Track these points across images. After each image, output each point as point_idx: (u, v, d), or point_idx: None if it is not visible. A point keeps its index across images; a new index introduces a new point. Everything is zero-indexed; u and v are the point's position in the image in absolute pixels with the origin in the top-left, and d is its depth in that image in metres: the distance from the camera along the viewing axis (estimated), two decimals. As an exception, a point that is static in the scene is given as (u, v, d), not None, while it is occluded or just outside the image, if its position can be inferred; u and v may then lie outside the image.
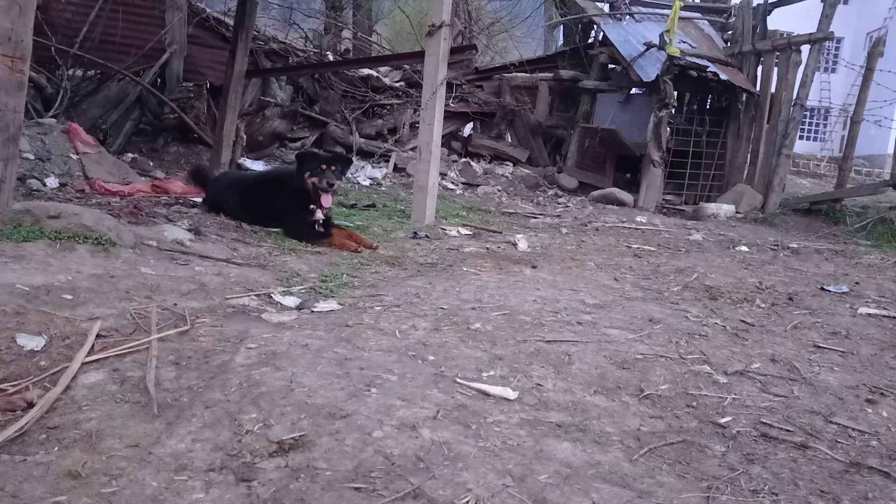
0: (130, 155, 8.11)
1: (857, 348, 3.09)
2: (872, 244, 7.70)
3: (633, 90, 11.08)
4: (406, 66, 11.77)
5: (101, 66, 8.46)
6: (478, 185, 10.05)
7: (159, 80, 9.20)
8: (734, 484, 1.77)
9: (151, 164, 7.91)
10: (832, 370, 2.76)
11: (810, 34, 9.72)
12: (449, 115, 9.98)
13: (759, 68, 10.67)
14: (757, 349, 2.96)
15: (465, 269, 4.32)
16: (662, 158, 9.73)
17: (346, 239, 4.76)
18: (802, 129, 23.70)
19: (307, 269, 3.90)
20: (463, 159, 11.03)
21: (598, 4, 12.74)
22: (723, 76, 9.81)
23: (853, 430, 2.18)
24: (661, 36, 9.74)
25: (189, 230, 4.31)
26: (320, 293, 3.41)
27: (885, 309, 3.90)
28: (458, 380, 2.29)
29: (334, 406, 1.98)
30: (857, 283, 4.66)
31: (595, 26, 12.09)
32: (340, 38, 15.13)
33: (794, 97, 9.86)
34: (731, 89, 10.38)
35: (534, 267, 4.55)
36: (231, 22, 8.66)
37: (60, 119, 7.16)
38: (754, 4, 10.82)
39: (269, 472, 1.65)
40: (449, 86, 9.21)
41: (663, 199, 10.24)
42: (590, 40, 12.26)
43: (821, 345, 3.10)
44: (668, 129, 9.92)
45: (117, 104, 8.71)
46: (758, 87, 10.48)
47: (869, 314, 3.75)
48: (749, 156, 10.68)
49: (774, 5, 10.76)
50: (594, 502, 1.63)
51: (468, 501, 1.57)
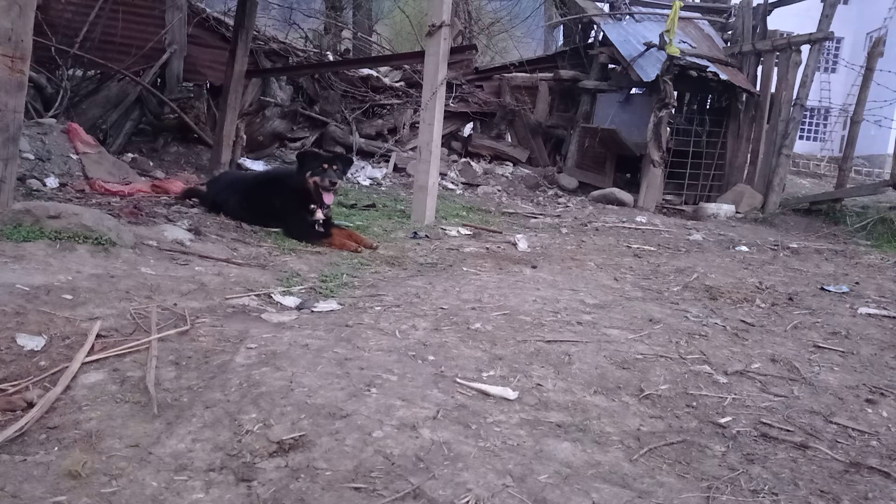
0: (130, 155, 8.10)
1: (857, 348, 3.09)
2: (872, 244, 7.70)
3: (633, 90, 11.08)
4: (406, 66, 11.77)
5: (101, 66, 8.46)
6: (478, 185, 10.05)
7: (159, 80, 9.20)
8: (734, 484, 1.77)
9: (151, 164, 7.91)
10: (832, 370, 2.76)
11: (810, 34, 9.72)
12: (449, 115, 9.98)
13: (759, 68, 10.67)
14: (757, 349, 2.96)
15: (465, 269, 4.32)
16: (662, 158, 9.73)
17: (346, 239, 4.77)
18: (802, 129, 23.70)
19: (307, 269, 3.90)
20: (463, 159, 11.03)
21: (598, 4, 12.74)
22: (723, 76, 9.81)
23: (853, 430, 2.18)
24: (661, 36, 9.74)
25: (189, 230, 4.31)
26: (320, 293, 3.41)
27: (885, 309, 3.90)
28: (458, 380, 2.29)
29: (334, 406, 1.98)
30: (857, 283, 4.66)
31: (595, 26, 12.09)
32: (340, 38, 15.13)
33: (794, 97, 9.86)
34: (731, 89, 10.38)
35: (534, 267, 4.55)
36: (231, 22, 8.66)
37: (60, 119, 7.16)
38: (754, 4, 10.82)
39: (269, 472, 1.65)
40: (449, 86, 9.21)
41: (663, 199, 10.24)
42: (590, 40, 12.25)
43: (821, 345, 3.10)
44: (668, 129, 9.92)
45: (117, 104, 8.71)
46: (758, 87, 10.47)
47: (869, 314, 3.75)
48: (749, 156, 10.68)
49: (774, 5, 10.76)
50: (594, 502, 1.63)
51: (468, 501, 1.57)
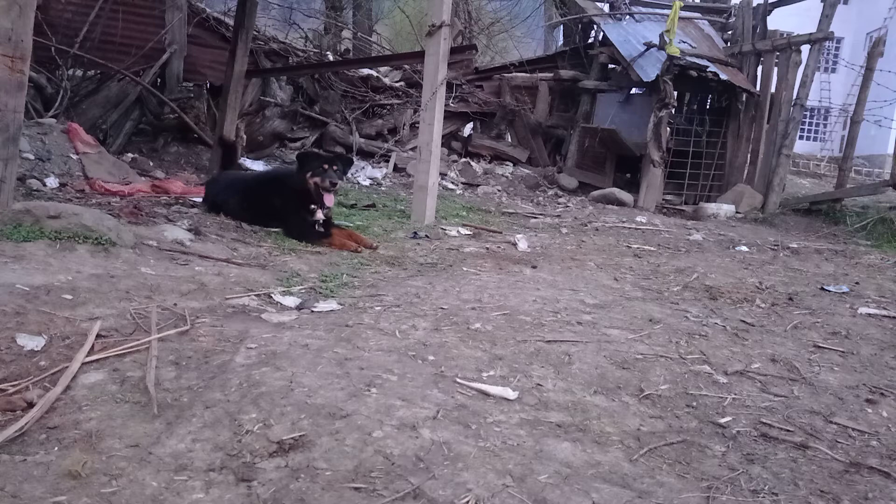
0: (130, 155, 8.10)
1: (857, 348, 3.09)
2: (872, 244, 7.70)
3: (633, 90, 11.08)
4: (406, 66, 11.77)
5: (101, 66, 8.46)
6: (478, 185, 10.05)
7: (159, 80, 9.20)
8: (734, 484, 1.77)
9: (151, 164, 7.91)
10: (832, 370, 2.76)
11: (810, 34, 9.72)
12: (449, 115, 9.98)
13: (759, 68, 10.66)
14: (757, 349, 2.96)
15: (465, 269, 4.32)
16: (662, 158, 9.73)
17: (346, 239, 4.77)
18: (802, 129, 23.70)
19: (307, 269, 3.90)
20: (463, 159, 11.03)
21: (598, 4, 12.74)
22: (723, 76, 9.81)
23: (853, 430, 2.18)
24: (661, 36, 9.74)
25: (189, 230, 4.31)
26: (320, 293, 3.41)
27: (885, 309, 3.90)
28: (458, 380, 2.29)
29: (334, 406, 1.98)
30: (857, 283, 4.66)
31: (595, 26, 12.09)
32: (340, 38, 15.12)
33: (794, 97, 9.86)
34: (731, 89, 10.38)
35: (534, 267, 4.55)
36: (231, 22, 8.66)
37: (60, 119, 7.16)
38: (754, 4, 10.82)
39: (269, 472, 1.65)
40: (449, 86, 9.21)
41: (663, 199, 10.24)
42: (590, 40, 12.25)
43: (821, 345, 3.10)
44: (668, 129, 9.92)
45: (117, 104, 8.71)
46: (758, 87, 10.47)
47: (869, 314, 3.75)
48: (749, 156, 10.67)
49: (774, 5, 10.76)
50: (594, 502, 1.63)
51: (468, 501, 1.57)
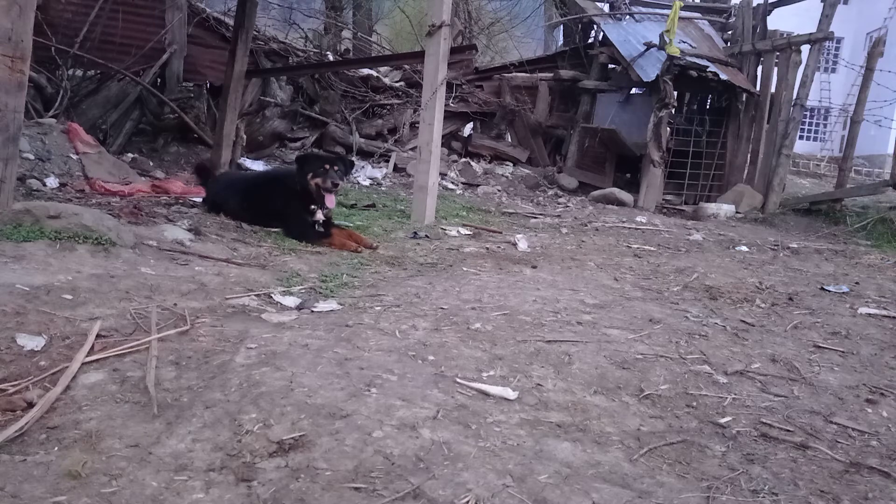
0: (130, 155, 8.11)
1: (857, 348, 3.10)
2: (872, 244, 7.70)
3: (633, 90, 11.08)
4: (406, 66, 11.77)
5: (101, 66, 8.47)
6: (478, 185, 10.05)
7: (159, 80, 9.20)
8: (734, 484, 1.77)
9: (151, 164, 7.91)
10: (832, 370, 2.76)
11: (810, 34, 9.72)
12: (449, 115, 9.98)
13: (759, 68, 10.67)
14: (757, 349, 2.96)
15: (465, 269, 4.32)
16: (662, 158, 9.73)
17: (346, 239, 4.77)
18: (802, 129, 23.69)
19: (307, 269, 3.90)
20: (463, 159, 11.03)
21: (598, 4, 12.74)
22: (723, 76, 9.81)
23: (853, 430, 2.18)
24: (661, 36, 9.74)
25: (189, 230, 4.31)
26: (320, 293, 3.41)
27: (885, 309, 3.90)
28: (458, 380, 2.29)
29: (334, 406, 1.98)
30: (857, 283, 4.66)
31: (595, 26, 12.09)
32: (340, 38, 15.13)
33: (794, 97, 9.86)
34: (731, 89, 10.38)
35: (534, 267, 4.55)
36: (231, 22, 8.66)
37: (60, 119, 7.16)
38: (754, 4, 10.82)
39: (269, 472, 1.65)
40: (449, 86, 9.21)
41: (663, 199, 10.24)
42: (590, 40, 12.25)
43: (821, 345, 3.10)
44: (668, 129, 9.92)
45: (117, 104, 8.71)
46: (758, 87, 10.48)
47: (869, 314, 3.75)
48: (749, 156, 10.68)
49: (774, 5, 10.76)
50: (594, 502, 1.63)
51: (468, 501, 1.57)
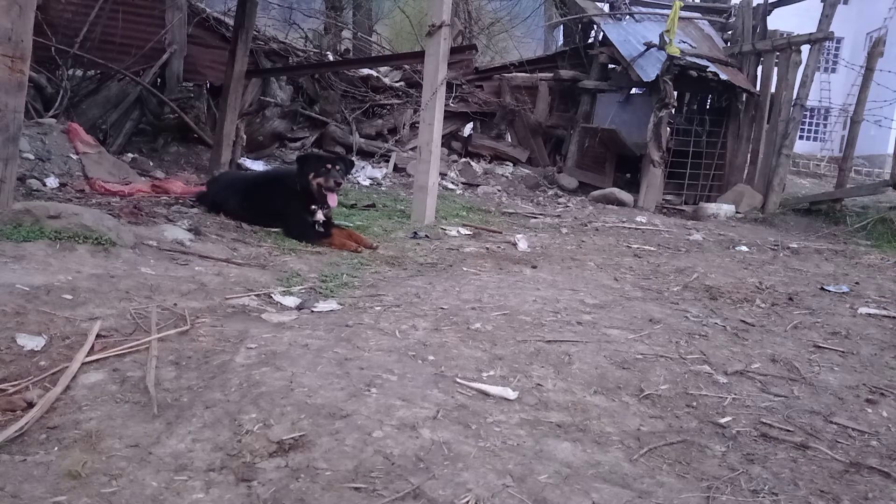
0: (130, 155, 8.10)
1: (857, 348, 3.10)
2: (872, 244, 7.70)
3: (633, 90, 11.08)
4: (406, 66, 11.77)
5: (101, 66, 8.46)
6: (478, 185, 10.05)
7: (159, 80, 9.20)
8: (734, 484, 1.77)
9: (151, 164, 7.90)
10: (832, 370, 2.76)
11: (810, 34, 9.72)
12: (449, 115, 9.98)
13: (759, 68, 10.66)
14: (757, 349, 2.96)
15: (465, 269, 4.32)
16: (662, 158, 9.73)
17: (346, 239, 4.77)
18: (802, 129, 23.69)
19: (307, 269, 3.90)
20: (463, 159, 11.02)
21: (598, 4, 12.74)
22: (723, 76, 9.81)
23: (853, 430, 2.18)
24: (661, 36, 9.74)
25: (189, 230, 4.31)
26: (320, 293, 3.41)
27: (885, 309, 3.90)
28: (458, 380, 2.29)
29: (334, 406, 1.98)
30: (857, 283, 4.66)
31: (595, 26, 12.09)
32: (340, 38, 15.12)
33: (794, 97, 9.86)
34: (731, 89, 10.38)
35: (534, 267, 4.55)
36: (231, 22, 8.66)
37: (60, 119, 7.16)
38: (754, 4, 10.82)
39: (269, 472, 1.65)
40: (449, 86, 9.21)
41: (663, 199, 10.24)
42: (590, 40, 12.25)
43: (821, 345, 3.10)
44: (668, 129, 9.92)
45: (117, 104, 8.70)
46: (758, 87, 10.47)
47: (869, 314, 3.75)
48: (749, 156, 10.67)
49: (774, 5, 10.76)
50: (594, 502, 1.63)
51: (468, 501, 1.57)
